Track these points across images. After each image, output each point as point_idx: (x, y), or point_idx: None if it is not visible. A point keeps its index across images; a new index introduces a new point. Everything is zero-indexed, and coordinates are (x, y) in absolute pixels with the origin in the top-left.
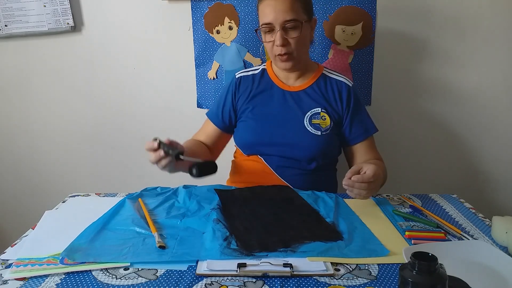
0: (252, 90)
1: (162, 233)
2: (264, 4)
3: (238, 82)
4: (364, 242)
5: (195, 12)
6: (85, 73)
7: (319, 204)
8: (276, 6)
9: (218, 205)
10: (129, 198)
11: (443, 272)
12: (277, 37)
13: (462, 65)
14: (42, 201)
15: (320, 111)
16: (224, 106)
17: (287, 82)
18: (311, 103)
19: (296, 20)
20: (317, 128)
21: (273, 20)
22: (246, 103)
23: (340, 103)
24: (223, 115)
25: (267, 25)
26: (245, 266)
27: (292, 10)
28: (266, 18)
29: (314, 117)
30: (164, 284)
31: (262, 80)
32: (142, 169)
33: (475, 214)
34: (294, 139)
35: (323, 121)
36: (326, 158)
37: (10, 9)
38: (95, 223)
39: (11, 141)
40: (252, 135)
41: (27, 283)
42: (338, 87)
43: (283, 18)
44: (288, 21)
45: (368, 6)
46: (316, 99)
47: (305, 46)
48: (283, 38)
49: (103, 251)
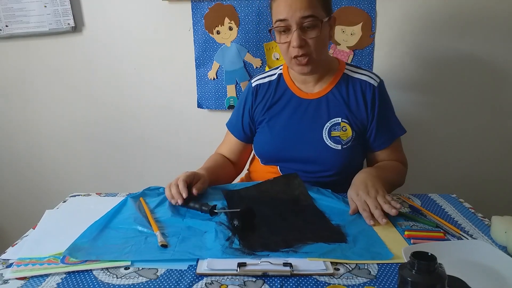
0: (269, 100)
1: (164, 232)
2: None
3: (255, 91)
4: (369, 244)
5: (195, 12)
6: (86, 73)
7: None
8: (293, 3)
9: (224, 206)
10: (131, 197)
11: (442, 272)
12: (294, 37)
13: (462, 64)
14: (42, 200)
15: (341, 121)
16: (244, 117)
17: (305, 88)
18: (331, 112)
19: (315, 17)
20: (337, 141)
21: (289, 17)
22: (263, 114)
23: (365, 108)
24: (243, 127)
25: (282, 21)
26: (245, 265)
27: (311, 6)
28: (281, 14)
29: (334, 129)
30: (165, 283)
31: (278, 88)
32: (142, 169)
33: (475, 214)
34: (312, 155)
35: (344, 133)
36: (348, 171)
37: (11, 9)
38: (98, 222)
39: (11, 141)
40: (268, 149)
41: (28, 282)
42: (362, 89)
43: (300, 14)
44: (306, 17)
45: (368, 7)
46: (337, 106)
47: (325, 47)
48: (300, 38)
49: (106, 250)
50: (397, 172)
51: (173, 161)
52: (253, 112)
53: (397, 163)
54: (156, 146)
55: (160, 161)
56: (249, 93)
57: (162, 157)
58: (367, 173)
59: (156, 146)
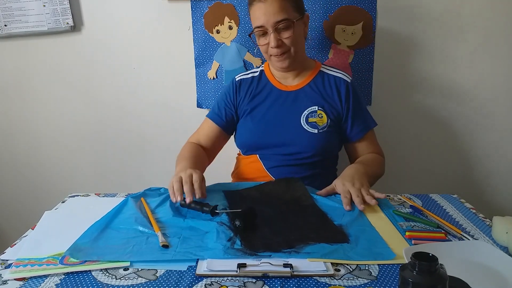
0: (252, 92)
1: (165, 232)
2: (255, 7)
3: (239, 84)
4: (371, 245)
5: (195, 11)
6: (85, 73)
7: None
8: (266, 9)
9: (224, 207)
10: (132, 197)
11: (443, 273)
12: (271, 39)
13: (462, 64)
14: (41, 201)
15: (317, 109)
16: (226, 106)
17: (284, 82)
18: (308, 102)
19: (288, 20)
20: (313, 126)
21: (265, 23)
22: (245, 105)
23: (339, 100)
24: (225, 114)
25: (259, 27)
26: (245, 266)
27: (283, 10)
28: (258, 21)
29: (311, 116)
30: (164, 284)
31: (260, 82)
32: (141, 168)
33: (476, 214)
34: (291, 138)
35: (320, 119)
36: (324, 155)
37: (9, 8)
38: (99, 222)
39: (10, 141)
40: (250, 136)
41: (26, 283)
42: (337, 84)
43: (274, 19)
44: (279, 22)
45: (368, 6)
46: (313, 97)
47: (300, 43)
48: (277, 39)
49: (107, 250)
50: (380, 166)
51: (173, 161)
52: (237, 104)
53: (377, 156)
54: (155, 145)
55: (160, 161)
56: (232, 86)
57: (161, 157)
58: (355, 169)
59: (156, 146)
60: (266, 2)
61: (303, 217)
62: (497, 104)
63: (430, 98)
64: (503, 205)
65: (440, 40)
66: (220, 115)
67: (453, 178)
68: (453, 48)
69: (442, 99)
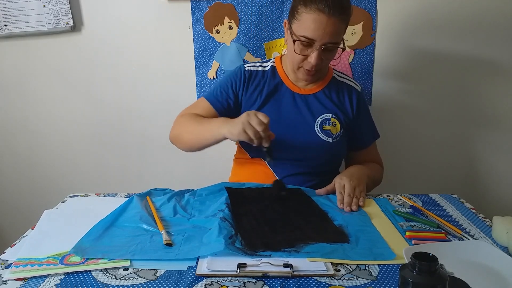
0: (262, 88)
1: (169, 231)
2: (313, 16)
3: (248, 75)
4: (371, 245)
5: (195, 11)
6: (85, 73)
7: (329, 203)
8: (327, 26)
9: (227, 203)
10: (137, 196)
11: (443, 273)
12: (314, 56)
13: (463, 64)
14: (41, 201)
15: (331, 117)
16: (229, 93)
17: (298, 84)
18: (322, 108)
19: (337, 44)
20: (328, 135)
21: (317, 38)
22: (253, 100)
23: (351, 109)
24: (227, 101)
25: (307, 39)
26: (245, 266)
27: (338, 33)
28: (310, 32)
29: (325, 123)
30: (164, 284)
31: (272, 79)
32: (141, 168)
33: (476, 214)
34: (305, 144)
35: (334, 128)
36: (333, 163)
37: (9, 8)
38: (104, 220)
39: (10, 140)
40: None
41: (26, 283)
42: (349, 93)
43: (328, 39)
44: (331, 43)
45: (369, 6)
46: (327, 104)
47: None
48: (320, 58)
49: (111, 248)
50: (379, 173)
51: (173, 161)
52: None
53: (378, 166)
54: (155, 145)
55: (160, 160)
56: (241, 73)
57: (161, 157)
58: (357, 168)
59: (156, 146)
60: (329, 19)
61: (304, 216)
62: (497, 104)
63: (430, 98)
64: (503, 205)
65: (440, 40)
66: (221, 100)
67: (453, 178)
68: (453, 48)
69: (442, 99)
